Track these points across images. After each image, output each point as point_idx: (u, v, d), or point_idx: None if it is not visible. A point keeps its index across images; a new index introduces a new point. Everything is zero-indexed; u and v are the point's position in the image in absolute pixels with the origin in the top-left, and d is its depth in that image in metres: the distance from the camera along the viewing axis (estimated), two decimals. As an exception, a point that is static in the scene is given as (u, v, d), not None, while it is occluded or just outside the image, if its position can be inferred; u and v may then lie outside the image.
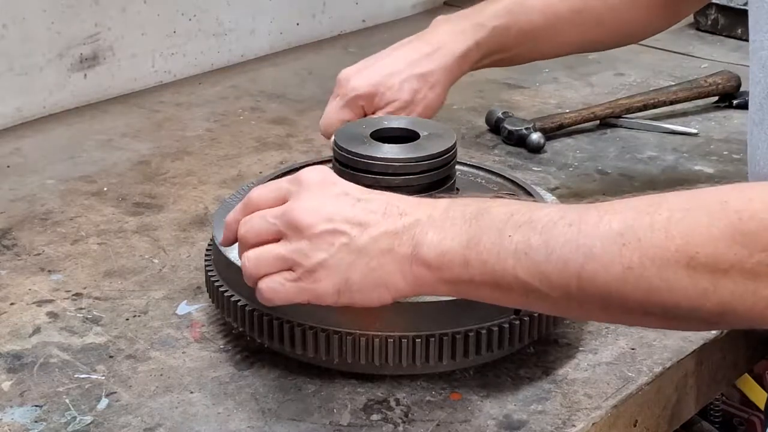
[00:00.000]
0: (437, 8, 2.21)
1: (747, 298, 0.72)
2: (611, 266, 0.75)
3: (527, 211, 0.80)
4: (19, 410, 0.91)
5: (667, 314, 0.75)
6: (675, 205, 0.75)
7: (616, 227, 0.75)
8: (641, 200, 0.77)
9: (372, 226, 0.83)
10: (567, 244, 0.76)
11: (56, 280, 1.13)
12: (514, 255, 0.78)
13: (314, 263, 0.83)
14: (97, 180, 1.38)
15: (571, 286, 0.77)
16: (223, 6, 1.83)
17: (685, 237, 0.72)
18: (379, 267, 0.82)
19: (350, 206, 0.84)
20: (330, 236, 0.83)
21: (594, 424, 0.91)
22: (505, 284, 0.79)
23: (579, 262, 0.76)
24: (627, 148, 1.48)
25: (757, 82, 0.95)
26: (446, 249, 0.81)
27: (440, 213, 0.83)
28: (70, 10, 1.59)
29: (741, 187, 0.75)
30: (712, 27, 1.99)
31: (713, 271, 0.72)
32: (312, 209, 0.84)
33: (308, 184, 0.86)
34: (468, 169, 1.12)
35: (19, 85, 1.56)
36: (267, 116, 1.62)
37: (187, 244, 1.20)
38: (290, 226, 0.84)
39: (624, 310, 0.77)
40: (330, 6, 2.02)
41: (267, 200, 0.88)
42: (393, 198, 0.85)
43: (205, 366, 0.98)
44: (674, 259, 0.73)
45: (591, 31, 1.26)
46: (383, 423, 0.90)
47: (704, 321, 0.75)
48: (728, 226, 0.72)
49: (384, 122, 1.06)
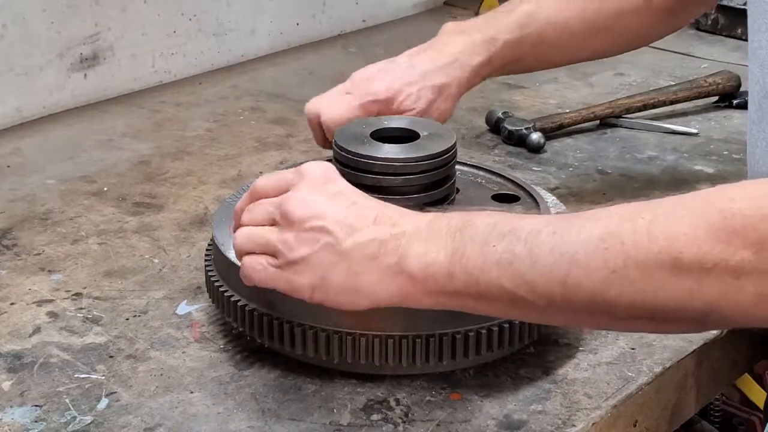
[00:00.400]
0: (437, 8, 2.21)
1: (732, 297, 0.72)
2: (595, 271, 0.75)
3: (510, 220, 0.80)
4: (19, 410, 0.91)
5: (653, 317, 0.76)
6: (658, 210, 0.75)
7: (599, 233, 0.75)
8: (625, 207, 0.78)
9: (360, 231, 0.83)
10: (551, 252, 0.77)
11: (56, 280, 1.13)
12: (499, 265, 0.78)
13: (296, 257, 0.84)
14: (97, 180, 1.38)
15: (557, 294, 0.77)
16: (223, 6, 1.83)
17: (668, 238, 0.73)
18: (362, 273, 0.83)
19: (344, 207, 0.85)
20: (317, 233, 0.84)
21: (594, 424, 0.91)
22: (491, 295, 0.80)
23: (563, 269, 0.76)
24: (627, 148, 1.48)
25: (756, 82, 0.95)
26: (431, 261, 0.81)
27: (426, 224, 0.83)
28: (70, 10, 1.59)
29: (724, 188, 0.75)
30: (712, 27, 1.99)
31: (698, 270, 0.72)
32: (306, 203, 0.85)
33: (308, 178, 0.88)
34: (468, 169, 1.12)
35: (19, 85, 1.56)
36: (267, 116, 1.62)
37: (187, 244, 1.20)
38: (283, 216, 0.86)
39: (610, 315, 0.77)
40: (330, 6, 2.02)
41: (271, 189, 0.90)
42: (386, 207, 0.86)
43: (205, 366, 0.98)
44: (658, 260, 0.73)
45: (599, 39, 1.27)
46: (383, 423, 0.90)
47: (691, 321, 0.76)
48: (711, 225, 0.72)
49: (384, 122, 1.07)
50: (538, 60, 1.28)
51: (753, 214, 0.71)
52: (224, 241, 0.98)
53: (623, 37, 1.28)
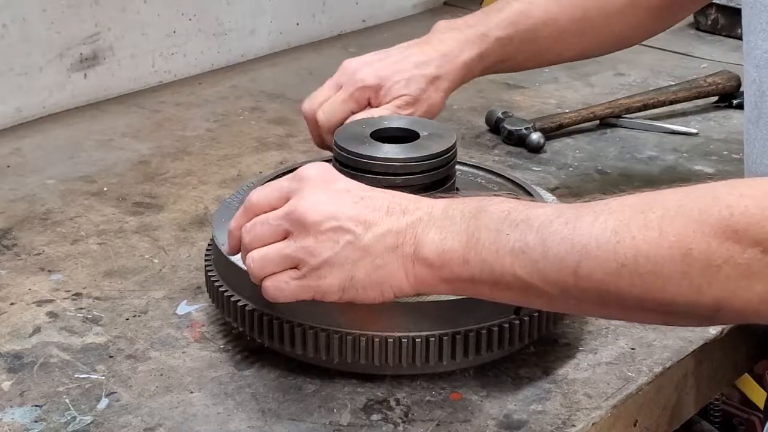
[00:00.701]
0: (437, 8, 2.21)
1: (741, 294, 0.73)
2: (606, 263, 0.76)
3: (524, 209, 0.81)
4: (19, 410, 0.91)
5: (664, 310, 0.76)
6: (669, 203, 0.75)
7: (611, 225, 0.76)
8: (637, 198, 0.78)
9: (376, 224, 0.84)
10: (563, 242, 0.77)
11: (56, 280, 1.13)
12: (512, 253, 0.79)
13: (320, 261, 0.84)
14: (97, 180, 1.38)
15: (569, 283, 0.78)
16: (223, 6, 1.83)
17: (678, 234, 0.73)
18: (384, 265, 0.83)
19: (353, 204, 0.85)
20: (335, 234, 0.83)
21: (594, 424, 0.91)
22: (504, 282, 0.80)
23: (575, 259, 0.77)
24: (627, 148, 1.48)
25: (752, 82, 0.96)
26: (447, 248, 0.82)
27: (440, 211, 0.84)
28: (70, 10, 1.59)
29: (732, 183, 0.76)
30: (712, 27, 1.99)
31: (707, 267, 0.73)
32: (316, 206, 0.84)
33: (310, 180, 0.87)
34: (468, 169, 1.12)
35: (19, 85, 1.56)
36: (267, 116, 1.62)
37: (187, 244, 1.20)
38: (296, 224, 0.85)
39: (622, 306, 0.78)
40: (330, 6, 2.02)
41: (269, 201, 0.88)
42: (395, 195, 0.86)
43: (205, 366, 0.98)
44: (668, 255, 0.73)
45: (592, 37, 1.27)
46: (383, 423, 0.90)
47: (701, 316, 0.76)
48: (720, 222, 0.72)
49: (384, 122, 1.07)
50: (530, 58, 1.28)
51: (759, 213, 0.72)
52: (224, 241, 0.97)
53: (616, 35, 1.28)
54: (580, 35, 1.26)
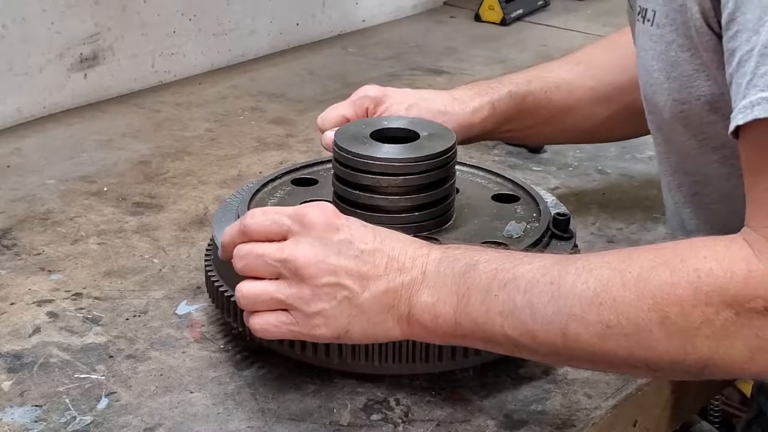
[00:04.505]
0: (437, 8, 2.21)
1: (724, 353, 0.75)
2: (592, 325, 0.78)
3: (511, 267, 0.83)
4: (19, 410, 0.91)
5: (651, 368, 0.79)
6: (643, 261, 0.78)
7: (592, 286, 0.78)
8: (615, 255, 0.80)
9: (373, 282, 0.85)
10: (549, 304, 0.79)
11: (56, 280, 1.13)
12: (501, 315, 0.82)
13: (314, 311, 0.85)
14: (97, 180, 1.38)
15: (558, 344, 0.80)
16: (223, 6, 1.83)
17: (654, 297, 0.76)
18: (380, 322, 0.86)
19: (353, 257, 0.85)
20: (332, 289, 0.84)
21: (594, 424, 0.91)
22: (495, 340, 0.83)
23: (562, 322, 0.79)
24: (627, 148, 1.48)
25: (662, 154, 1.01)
26: (438, 312, 0.84)
27: (433, 268, 0.85)
28: (70, 10, 1.59)
29: (695, 245, 0.78)
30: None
31: (686, 329, 0.75)
32: (315, 260, 0.84)
33: (311, 227, 0.86)
34: (468, 169, 1.12)
35: (19, 85, 1.56)
36: (267, 116, 1.62)
37: (187, 244, 1.21)
38: (292, 273, 0.85)
39: (610, 365, 0.82)
40: (330, 6, 2.02)
41: (266, 233, 0.87)
42: (393, 249, 0.86)
43: (205, 366, 0.98)
44: (648, 318, 0.76)
45: (602, 109, 1.24)
46: (383, 423, 0.90)
47: (689, 373, 0.79)
48: (690, 284, 0.75)
49: (384, 122, 1.06)
50: (541, 123, 1.24)
51: (722, 275, 0.74)
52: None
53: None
54: (594, 105, 1.23)
